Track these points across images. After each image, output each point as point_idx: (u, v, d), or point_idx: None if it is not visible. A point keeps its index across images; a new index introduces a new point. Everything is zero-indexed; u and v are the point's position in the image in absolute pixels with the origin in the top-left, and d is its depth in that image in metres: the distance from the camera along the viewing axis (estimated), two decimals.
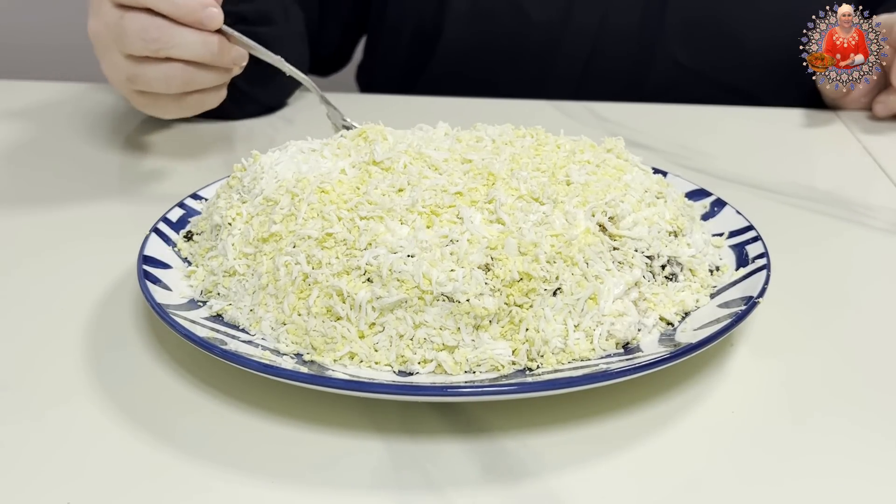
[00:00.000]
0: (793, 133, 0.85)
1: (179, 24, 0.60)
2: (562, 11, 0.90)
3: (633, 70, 0.93)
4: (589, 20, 0.91)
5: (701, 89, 0.92)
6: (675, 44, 0.91)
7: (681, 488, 0.39)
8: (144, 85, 0.63)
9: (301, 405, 0.44)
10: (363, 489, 0.39)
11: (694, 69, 0.92)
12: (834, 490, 0.39)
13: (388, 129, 0.58)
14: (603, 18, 0.90)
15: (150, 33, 0.60)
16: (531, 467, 0.40)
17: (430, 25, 0.93)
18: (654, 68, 0.92)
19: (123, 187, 0.71)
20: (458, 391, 0.41)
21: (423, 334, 0.44)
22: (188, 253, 0.54)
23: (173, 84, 0.63)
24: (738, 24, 0.90)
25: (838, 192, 0.70)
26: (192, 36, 0.61)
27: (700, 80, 0.92)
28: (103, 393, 0.45)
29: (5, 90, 0.96)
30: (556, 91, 0.92)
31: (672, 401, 0.45)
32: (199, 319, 0.47)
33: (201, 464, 0.40)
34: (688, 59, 0.91)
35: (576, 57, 0.93)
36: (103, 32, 0.63)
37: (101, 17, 0.62)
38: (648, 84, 0.93)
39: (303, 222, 0.48)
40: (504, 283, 0.44)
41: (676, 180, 0.61)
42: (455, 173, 0.51)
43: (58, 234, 0.63)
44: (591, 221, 0.48)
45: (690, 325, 0.47)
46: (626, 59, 0.92)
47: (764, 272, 0.49)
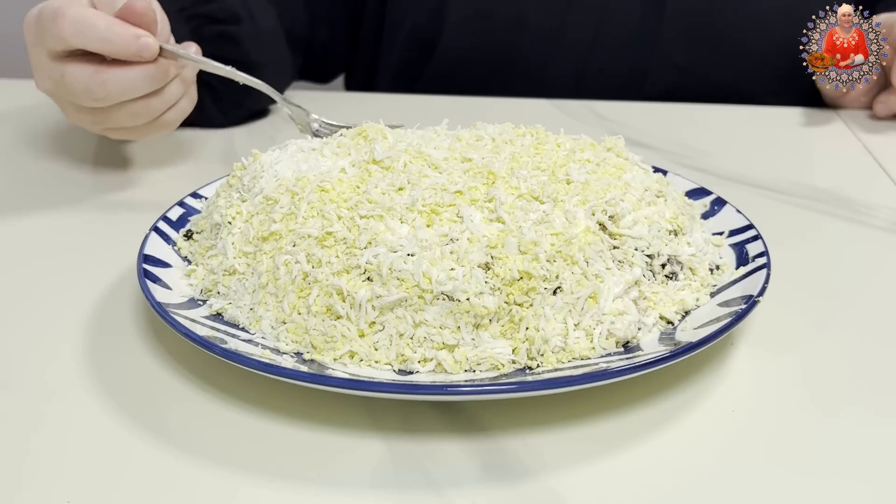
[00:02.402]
0: (793, 132, 0.85)
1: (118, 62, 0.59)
2: (560, 17, 0.90)
3: (631, 74, 0.93)
4: (587, 25, 0.90)
5: (699, 92, 0.92)
6: (674, 47, 0.90)
7: (681, 487, 0.39)
8: (112, 124, 0.63)
9: (301, 404, 0.44)
10: (363, 488, 0.39)
11: (692, 72, 0.92)
12: (834, 489, 0.39)
13: (387, 127, 0.58)
14: (600, 24, 0.90)
15: (93, 92, 0.59)
16: (531, 466, 0.40)
17: (427, 30, 0.92)
18: (652, 72, 0.92)
19: (123, 186, 0.71)
20: (458, 390, 0.41)
21: (423, 333, 0.44)
22: (188, 252, 0.54)
23: (138, 119, 0.62)
24: (737, 26, 0.90)
25: (838, 190, 0.70)
26: (134, 74, 0.59)
27: (698, 82, 0.92)
28: (103, 391, 0.45)
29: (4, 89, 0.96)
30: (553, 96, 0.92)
31: (672, 400, 0.45)
32: (199, 318, 0.47)
33: (201, 462, 0.40)
34: (686, 61, 0.91)
35: (573, 62, 0.92)
36: (52, 89, 0.62)
37: (45, 73, 0.61)
38: (646, 87, 0.93)
39: (303, 221, 0.48)
40: (504, 281, 0.44)
41: (676, 179, 0.61)
42: (455, 172, 0.51)
43: (57, 233, 0.63)
44: (591, 220, 0.48)
45: (690, 323, 0.47)
46: (624, 62, 0.92)
47: (764, 271, 0.49)
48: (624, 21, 0.90)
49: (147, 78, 0.60)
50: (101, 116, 0.62)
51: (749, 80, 0.92)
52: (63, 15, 0.57)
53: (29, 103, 0.91)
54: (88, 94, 0.59)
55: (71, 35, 0.57)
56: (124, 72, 0.59)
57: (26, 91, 0.95)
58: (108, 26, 0.57)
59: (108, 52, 0.58)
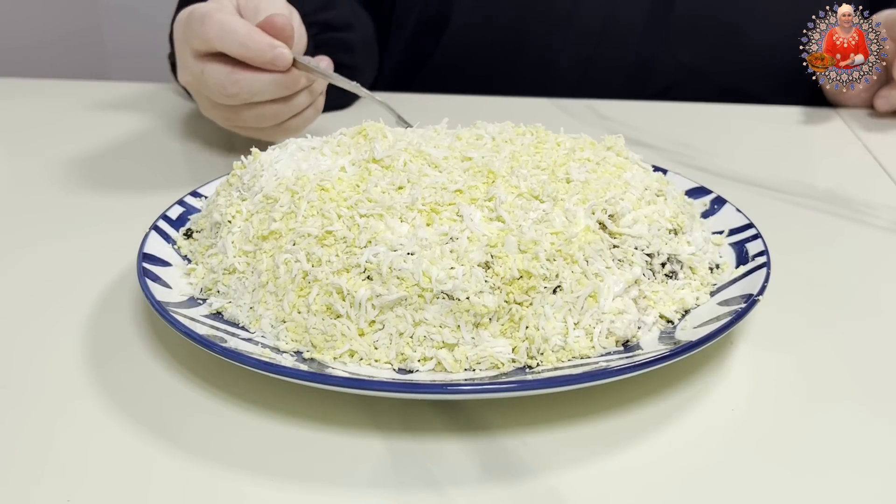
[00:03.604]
0: (793, 131, 0.85)
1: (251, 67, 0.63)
2: (569, 5, 0.91)
3: (637, 67, 0.93)
4: (595, 15, 0.91)
5: (702, 89, 0.92)
6: (679, 43, 0.91)
7: (681, 486, 0.39)
8: (242, 123, 0.68)
9: (301, 403, 0.44)
10: (363, 487, 0.39)
11: (696, 69, 0.92)
12: (834, 488, 0.39)
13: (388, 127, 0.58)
14: (608, 15, 0.91)
15: (227, 89, 0.63)
16: (531, 465, 0.40)
17: (436, 14, 0.93)
18: (657, 66, 0.92)
19: (123, 185, 0.71)
20: (458, 389, 0.41)
21: (423, 332, 0.44)
22: (188, 251, 0.54)
23: (265, 121, 0.67)
24: (745, 23, 0.90)
25: (838, 189, 0.70)
26: (265, 79, 0.63)
27: (702, 80, 0.92)
28: (103, 390, 0.45)
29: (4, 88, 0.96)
30: (558, 87, 0.92)
31: (672, 399, 0.45)
32: (198, 317, 0.47)
33: (201, 461, 0.40)
34: (691, 58, 0.91)
35: (580, 52, 0.93)
36: (192, 83, 0.67)
37: (188, 68, 0.67)
38: (651, 82, 0.93)
39: (302, 220, 0.48)
40: (504, 280, 0.44)
41: (676, 178, 0.61)
42: (455, 171, 0.51)
43: (57, 232, 0.63)
44: (591, 219, 0.48)
45: (690, 322, 0.47)
46: (630, 55, 0.92)
47: (764, 270, 0.49)
48: (632, 13, 0.91)
49: (277, 84, 0.64)
50: (232, 115, 0.67)
51: (753, 80, 0.92)
52: (210, 18, 0.62)
53: (27, 101, 0.91)
54: (222, 91, 0.64)
55: (214, 37, 0.62)
56: (257, 76, 0.63)
57: (25, 89, 0.95)
58: (248, 33, 0.62)
59: (245, 58, 0.62)
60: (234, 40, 0.62)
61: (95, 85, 0.97)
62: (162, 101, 0.92)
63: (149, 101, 0.92)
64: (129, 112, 0.88)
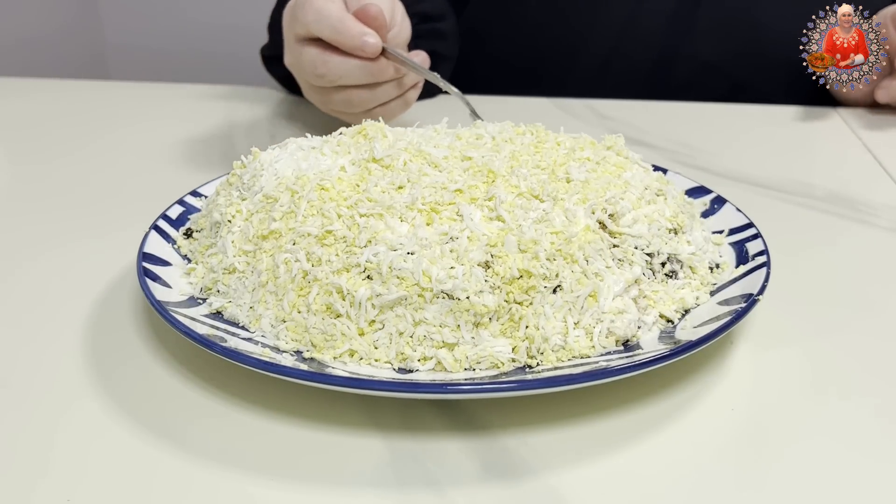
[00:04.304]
0: (793, 130, 0.85)
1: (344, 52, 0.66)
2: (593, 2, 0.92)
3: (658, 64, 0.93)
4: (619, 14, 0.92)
5: (717, 87, 0.92)
6: (702, 41, 0.91)
7: (680, 486, 0.39)
8: (333, 106, 0.72)
9: (301, 402, 0.44)
10: (362, 486, 0.39)
11: (715, 66, 0.92)
12: (834, 488, 0.39)
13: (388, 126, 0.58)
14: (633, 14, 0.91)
15: (317, 69, 0.67)
16: (531, 465, 0.40)
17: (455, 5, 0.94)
18: (678, 64, 0.92)
19: (123, 185, 0.71)
20: (458, 388, 0.41)
21: (423, 332, 0.44)
22: (188, 250, 0.54)
23: (353, 107, 0.70)
24: (766, 20, 0.90)
25: (838, 189, 0.70)
26: (352, 63, 0.67)
27: (719, 77, 0.92)
28: (103, 390, 0.45)
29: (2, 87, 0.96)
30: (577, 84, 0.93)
31: (672, 398, 0.45)
32: (198, 317, 0.47)
33: (201, 461, 0.40)
34: (711, 55, 0.92)
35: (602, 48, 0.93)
36: (293, 64, 0.71)
37: (290, 51, 0.71)
38: (671, 79, 0.93)
39: (302, 220, 0.48)
40: (504, 280, 0.44)
41: (676, 178, 0.61)
42: (455, 171, 0.51)
43: (57, 232, 0.63)
44: (591, 219, 0.48)
45: (690, 322, 0.47)
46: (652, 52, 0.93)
47: (764, 269, 0.49)
48: (658, 9, 0.91)
49: (363, 70, 0.67)
50: (325, 97, 0.71)
51: (768, 77, 0.92)
52: (310, 4, 0.66)
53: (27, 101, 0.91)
54: (313, 70, 0.68)
55: (311, 22, 0.66)
56: (345, 60, 0.67)
57: (25, 88, 0.95)
58: (340, 19, 0.65)
59: (335, 42, 0.66)
60: (328, 25, 0.65)
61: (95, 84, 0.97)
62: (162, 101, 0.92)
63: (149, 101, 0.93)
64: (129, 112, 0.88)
